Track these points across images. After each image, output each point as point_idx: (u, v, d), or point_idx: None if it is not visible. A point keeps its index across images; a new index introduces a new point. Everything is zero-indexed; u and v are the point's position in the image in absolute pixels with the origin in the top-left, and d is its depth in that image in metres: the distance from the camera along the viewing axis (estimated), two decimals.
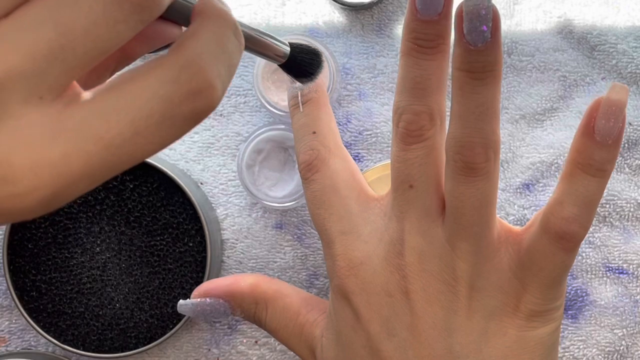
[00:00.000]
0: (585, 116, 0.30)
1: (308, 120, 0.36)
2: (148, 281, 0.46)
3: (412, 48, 0.31)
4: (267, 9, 0.49)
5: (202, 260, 0.45)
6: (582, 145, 0.30)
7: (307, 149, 0.35)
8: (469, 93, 0.30)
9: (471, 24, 0.28)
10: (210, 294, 0.37)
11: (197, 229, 0.45)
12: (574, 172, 0.30)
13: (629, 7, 0.48)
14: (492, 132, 0.30)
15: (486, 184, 0.30)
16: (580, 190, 0.30)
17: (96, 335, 0.46)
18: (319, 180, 0.34)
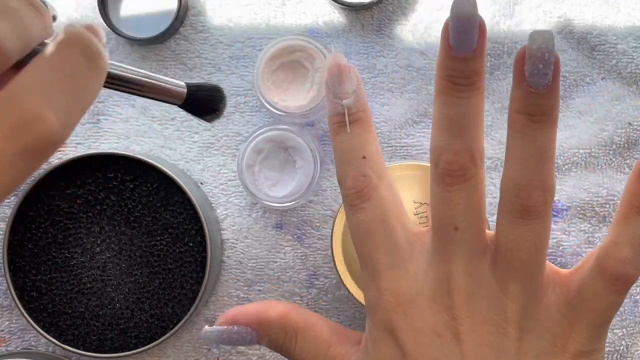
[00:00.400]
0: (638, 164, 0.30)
1: (357, 142, 0.34)
2: (148, 281, 0.46)
3: (447, 86, 0.31)
4: (267, 9, 0.49)
5: (202, 260, 0.45)
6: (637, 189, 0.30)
7: (357, 174, 0.33)
8: (528, 136, 0.30)
9: (534, 67, 0.28)
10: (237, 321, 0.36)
11: (197, 229, 0.45)
12: (630, 214, 0.30)
13: (628, 7, 0.48)
14: (549, 175, 0.30)
15: (542, 227, 0.30)
16: (636, 232, 0.30)
17: (96, 335, 0.46)
18: (369, 209, 0.33)
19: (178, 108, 0.50)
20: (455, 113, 0.31)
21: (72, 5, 0.49)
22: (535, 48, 0.28)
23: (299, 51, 0.46)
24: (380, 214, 0.33)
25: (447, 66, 0.30)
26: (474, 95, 0.30)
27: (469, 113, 0.31)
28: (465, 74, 0.30)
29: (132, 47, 0.49)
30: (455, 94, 0.31)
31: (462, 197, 0.31)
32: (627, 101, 0.48)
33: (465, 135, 0.31)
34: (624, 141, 0.48)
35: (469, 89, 0.30)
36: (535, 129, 0.29)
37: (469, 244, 0.31)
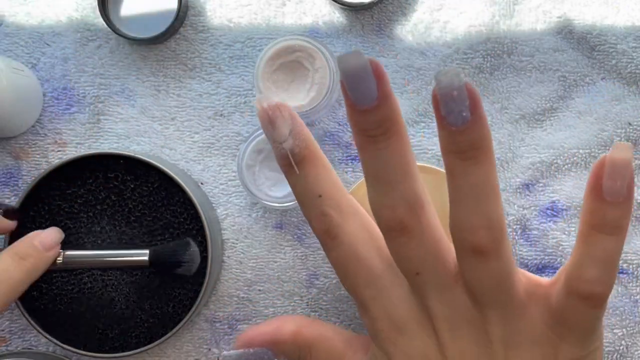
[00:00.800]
0: (592, 176, 0.29)
1: (309, 182, 0.34)
2: (149, 281, 0.46)
3: (363, 141, 0.30)
4: (267, 9, 0.49)
5: (203, 260, 0.45)
6: (593, 206, 0.29)
7: (317, 215, 0.33)
8: (461, 175, 0.29)
9: (447, 107, 0.27)
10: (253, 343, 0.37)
11: (198, 229, 0.45)
12: (590, 233, 0.30)
13: (628, 7, 0.48)
14: (493, 211, 0.29)
15: (499, 262, 0.30)
16: (598, 251, 0.29)
17: (97, 335, 0.46)
18: (338, 247, 0.33)
19: (178, 108, 0.50)
20: (378, 167, 0.30)
21: (72, 5, 0.49)
22: (442, 88, 0.27)
23: (299, 51, 0.46)
24: (351, 250, 0.33)
25: (355, 121, 0.30)
26: (392, 143, 0.29)
27: (393, 162, 0.30)
28: (376, 124, 0.29)
29: (132, 47, 0.49)
30: (372, 147, 0.30)
31: (411, 247, 0.31)
32: (627, 101, 0.48)
33: (394, 189, 0.30)
34: (624, 141, 0.48)
35: (383, 138, 0.29)
36: (466, 166, 0.29)
37: (436, 282, 0.31)
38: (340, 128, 0.48)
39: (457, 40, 0.48)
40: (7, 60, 0.46)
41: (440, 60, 0.48)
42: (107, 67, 0.49)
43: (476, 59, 0.48)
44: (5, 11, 0.50)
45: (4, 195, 0.49)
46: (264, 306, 0.48)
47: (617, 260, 0.30)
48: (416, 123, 0.48)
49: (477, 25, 0.48)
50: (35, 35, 0.49)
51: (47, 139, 0.49)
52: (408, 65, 0.48)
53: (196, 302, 0.45)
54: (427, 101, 0.48)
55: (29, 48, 0.49)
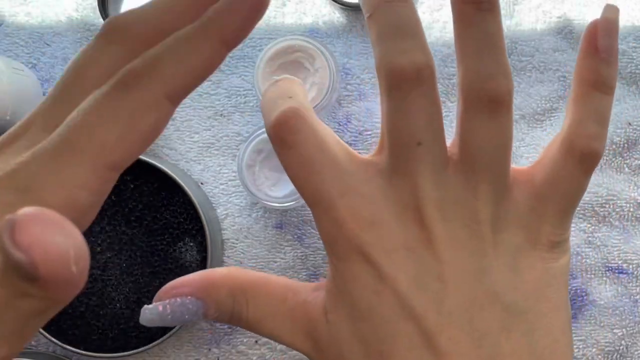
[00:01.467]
0: (585, 38, 0.30)
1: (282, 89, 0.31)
2: (149, 281, 0.46)
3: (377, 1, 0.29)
4: (267, 9, 0.49)
5: (203, 260, 0.45)
6: (590, 64, 0.30)
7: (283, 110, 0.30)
8: (478, 24, 0.29)
9: None
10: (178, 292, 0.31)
11: (198, 228, 0.45)
12: (588, 91, 0.30)
13: (628, 7, 0.48)
14: (507, 63, 0.29)
15: (508, 119, 0.29)
16: (597, 107, 0.30)
17: (97, 335, 0.46)
18: (302, 142, 0.29)
19: (178, 108, 0.50)
20: (396, 20, 0.29)
21: (72, 5, 0.50)
22: None
23: (299, 51, 0.46)
24: (316, 143, 0.30)
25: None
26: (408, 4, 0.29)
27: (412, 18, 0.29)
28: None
29: None
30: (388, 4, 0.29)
31: (421, 106, 0.28)
32: (626, 101, 0.48)
33: (415, 36, 0.29)
34: (624, 141, 0.48)
35: None
36: (484, 17, 0.29)
37: (434, 157, 0.29)
38: (340, 128, 0.48)
39: None
40: (7, 60, 0.46)
41: (440, 60, 0.48)
42: None
43: None
44: (5, 11, 0.50)
45: None
46: None
47: (608, 122, 0.31)
48: None
49: None
50: (35, 35, 0.49)
51: None
52: None
53: None
54: None
55: (29, 48, 0.49)
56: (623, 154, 0.48)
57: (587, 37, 0.30)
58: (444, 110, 0.48)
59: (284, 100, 0.30)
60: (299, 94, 0.31)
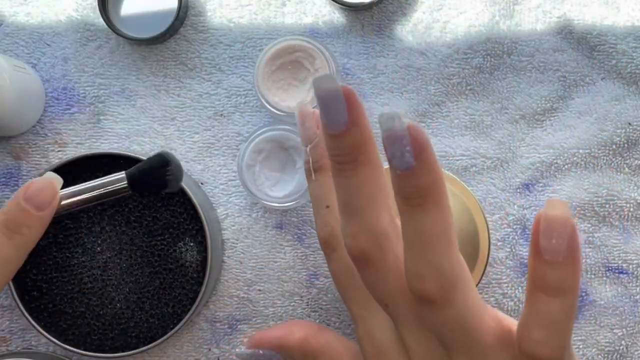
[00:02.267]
0: (532, 233, 0.28)
1: (320, 191, 0.36)
2: (149, 281, 0.46)
3: (334, 167, 0.30)
4: (267, 9, 0.49)
5: (203, 260, 0.45)
6: (534, 265, 0.28)
7: (322, 225, 0.35)
8: (408, 221, 0.28)
9: (391, 149, 0.27)
10: (262, 344, 0.40)
11: (198, 228, 0.46)
12: (533, 293, 0.29)
13: (628, 7, 0.48)
14: (442, 259, 0.28)
15: (452, 309, 0.29)
16: (542, 313, 0.28)
17: (97, 335, 0.46)
18: (336, 260, 0.35)
19: (178, 108, 0.50)
20: (345, 194, 0.30)
21: (72, 5, 0.50)
22: (385, 131, 0.27)
23: (299, 51, 0.46)
24: (346, 265, 0.34)
25: (327, 145, 0.29)
26: (360, 172, 0.29)
27: (359, 192, 0.29)
28: (345, 150, 0.29)
29: (132, 47, 0.49)
30: (342, 173, 0.29)
31: (377, 279, 0.31)
32: (626, 101, 0.48)
33: (359, 217, 0.30)
34: (624, 141, 0.48)
35: (353, 165, 0.29)
36: (413, 213, 0.28)
37: (405, 315, 0.31)
38: None
39: (457, 40, 0.48)
40: (9, 58, 0.46)
41: (440, 60, 0.48)
42: (107, 67, 0.49)
43: (476, 59, 0.48)
44: (5, 11, 0.50)
45: (4, 195, 0.49)
46: (264, 306, 0.48)
47: (567, 323, 0.29)
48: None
49: (477, 26, 0.48)
50: (35, 35, 0.50)
51: (47, 139, 0.49)
52: (408, 65, 0.48)
53: (196, 302, 0.45)
54: (427, 101, 0.48)
55: (29, 48, 0.49)
56: (623, 154, 0.48)
57: (533, 231, 0.28)
58: (444, 110, 0.48)
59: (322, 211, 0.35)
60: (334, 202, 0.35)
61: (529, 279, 0.29)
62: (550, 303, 0.28)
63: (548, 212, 0.27)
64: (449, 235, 0.28)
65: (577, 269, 0.28)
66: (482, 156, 0.48)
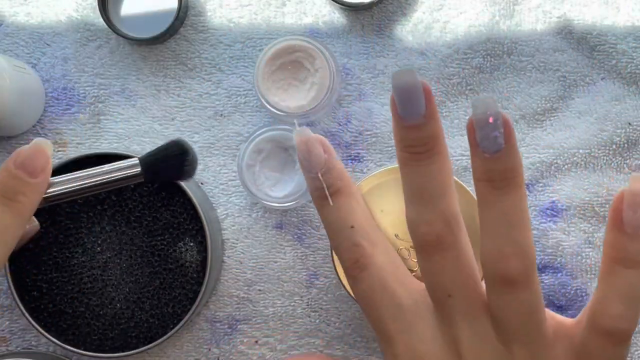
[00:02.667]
0: (612, 209, 0.30)
1: (341, 214, 0.35)
2: (149, 281, 0.46)
3: (407, 157, 0.31)
4: (267, 9, 0.49)
5: (203, 260, 0.46)
6: (615, 239, 0.30)
7: (349, 245, 0.34)
8: (493, 203, 0.30)
9: (482, 132, 0.29)
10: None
11: (198, 228, 0.46)
12: (613, 268, 0.30)
13: (628, 8, 0.48)
14: (524, 240, 0.30)
15: (529, 293, 0.30)
16: (621, 285, 0.30)
17: (97, 335, 0.46)
18: (367, 279, 0.34)
19: (178, 108, 0.51)
20: (419, 183, 0.31)
21: (72, 5, 0.50)
22: (479, 113, 0.28)
23: (299, 51, 0.46)
24: (379, 281, 0.33)
25: (401, 137, 0.31)
26: (436, 160, 0.30)
27: (435, 180, 0.31)
28: (421, 141, 0.30)
29: (132, 47, 0.50)
30: (416, 163, 0.31)
31: (446, 266, 0.31)
32: (626, 101, 0.48)
33: (435, 203, 0.31)
34: (624, 141, 0.48)
35: (428, 155, 0.30)
36: (499, 195, 0.29)
37: (466, 308, 0.31)
38: (340, 128, 0.49)
39: (457, 40, 0.48)
40: (9, 58, 0.46)
41: (440, 60, 0.48)
42: (107, 67, 0.50)
43: (476, 59, 0.48)
44: (5, 11, 0.50)
45: None
46: (264, 306, 0.48)
47: None
48: None
49: (477, 26, 0.49)
50: (35, 35, 0.50)
51: (47, 139, 0.49)
52: (408, 65, 0.49)
53: (196, 302, 0.45)
54: None
55: (29, 48, 0.50)
56: (623, 154, 0.48)
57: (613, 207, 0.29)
58: (444, 110, 0.48)
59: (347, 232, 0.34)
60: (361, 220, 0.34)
61: (605, 256, 0.30)
62: (629, 275, 0.29)
63: (633, 187, 0.29)
64: (528, 217, 0.30)
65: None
66: None
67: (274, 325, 0.48)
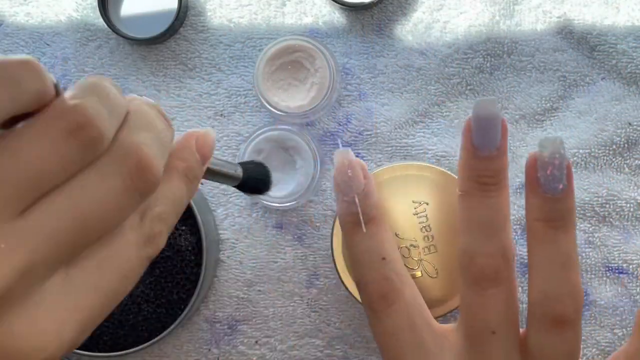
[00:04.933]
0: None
1: (373, 244, 0.34)
2: (149, 271, 0.46)
3: (474, 187, 0.31)
4: (267, 9, 0.50)
5: (198, 242, 0.46)
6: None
7: (380, 278, 0.33)
8: (550, 243, 0.30)
9: (549, 174, 0.29)
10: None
11: (187, 211, 0.46)
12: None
13: (628, 7, 0.49)
14: (577, 281, 0.30)
15: (574, 334, 0.31)
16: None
17: (108, 335, 0.47)
18: (394, 315, 0.33)
19: (178, 108, 0.51)
20: (485, 214, 0.31)
21: (73, 5, 0.50)
22: (548, 155, 0.29)
23: (299, 51, 0.47)
24: (407, 320, 0.33)
25: (472, 166, 0.31)
26: (502, 194, 0.31)
27: (498, 212, 0.31)
28: (492, 173, 0.31)
29: (132, 47, 0.50)
30: (484, 194, 0.31)
31: (497, 301, 0.31)
32: (627, 101, 0.49)
33: (497, 236, 0.31)
34: (624, 141, 0.48)
35: (496, 187, 0.31)
36: (556, 235, 0.30)
37: (507, 347, 0.32)
38: (340, 128, 0.49)
39: (457, 40, 0.49)
40: None
41: (441, 60, 0.49)
42: (107, 67, 0.50)
43: (476, 59, 0.49)
44: (5, 11, 0.51)
45: None
46: (263, 306, 0.49)
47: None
48: (416, 123, 0.49)
49: (477, 25, 0.49)
50: (35, 35, 0.50)
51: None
52: (408, 65, 0.49)
53: (198, 284, 0.45)
54: (426, 101, 0.49)
55: (29, 48, 0.50)
56: (623, 154, 0.48)
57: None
58: (443, 110, 0.49)
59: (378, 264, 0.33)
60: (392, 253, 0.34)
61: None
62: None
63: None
64: (578, 257, 0.31)
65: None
66: None
67: (274, 325, 0.49)
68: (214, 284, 0.49)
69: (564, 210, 0.30)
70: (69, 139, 0.21)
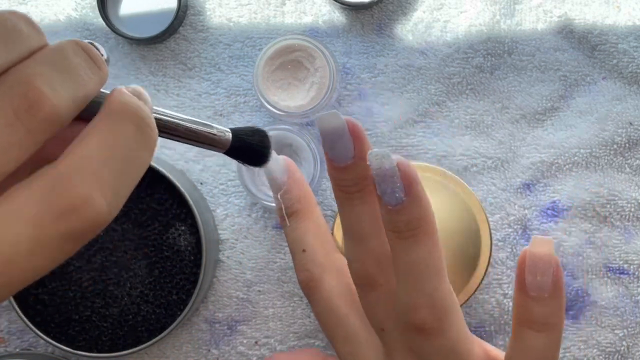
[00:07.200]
0: (517, 269, 0.31)
1: (296, 235, 0.37)
2: (148, 272, 0.47)
3: (340, 196, 0.32)
4: (267, 8, 0.50)
5: (197, 242, 0.46)
6: (520, 301, 0.31)
7: (300, 269, 0.37)
8: (400, 253, 0.31)
9: (380, 187, 0.30)
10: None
11: (186, 211, 0.47)
12: (520, 328, 0.31)
13: (629, 7, 0.50)
14: (435, 289, 0.31)
15: (444, 339, 0.32)
16: (529, 347, 0.31)
17: (107, 336, 0.47)
18: (318, 301, 0.36)
19: (178, 108, 0.51)
20: (352, 222, 0.33)
21: (72, 5, 0.51)
22: (373, 170, 0.30)
23: (299, 51, 0.48)
24: (328, 306, 0.35)
25: (334, 177, 0.32)
26: (367, 200, 0.32)
27: (366, 219, 0.32)
28: (351, 182, 0.32)
29: (132, 47, 0.51)
30: (348, 202, 0.32)
31: (379, 303, 0.33)
32: (628, 101, 0.49)
33: (366, 242, 0.32)
34: (625, 141, 0.49)
35: (359, 195, 0.32)
36: (405, 245, 0.30)
37: (398, 340, 0.33)
38: None
39: (458, 40, 0.50)
40: None
41: (441, 60, 0.50)
42: None
43: (477, 59, 0.49)
44: None
45: None
46: (263, 307, 0.49)
47: (553, 358, 0.31)
48: (416, 123, 0.49)
49: (477, 25, 0.50)
50: None
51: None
52: (408, 64, 0.50)
53: (197, 284, 0.46)
54: (427, 101, 0.49)
55: None
56: (624, 154, 0.49)
57: (518, 268, 0.31)
58: (444, 109, 0.49)
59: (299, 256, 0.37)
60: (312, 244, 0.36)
61: (514, 315, 0.32)
62: (536, 338, 0.31)
63: (533, 250, 0.30)
64: (441, 265, 0.31)
65: (562, 305, 0.31)
66: (482, 156, 0.49)
67: (273, 326, 0.49)
68: (213, 285, 0.49)
69: (410, 220, 0.30)
70: None
